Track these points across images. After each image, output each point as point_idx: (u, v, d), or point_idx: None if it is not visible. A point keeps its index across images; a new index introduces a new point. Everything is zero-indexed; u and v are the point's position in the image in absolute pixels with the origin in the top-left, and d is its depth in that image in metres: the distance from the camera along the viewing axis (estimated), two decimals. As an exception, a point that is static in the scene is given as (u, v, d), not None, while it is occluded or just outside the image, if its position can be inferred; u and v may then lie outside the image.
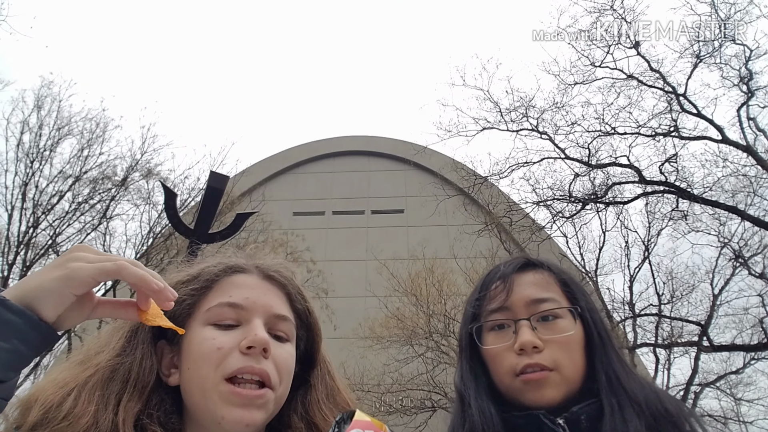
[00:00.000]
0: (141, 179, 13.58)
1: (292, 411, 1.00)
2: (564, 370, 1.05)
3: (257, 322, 0.92)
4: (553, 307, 1.10)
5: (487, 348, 1.13)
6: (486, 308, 1.17)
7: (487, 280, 1.22)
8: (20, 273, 11.95)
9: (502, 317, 1.13)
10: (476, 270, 13.81)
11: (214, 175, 4.22)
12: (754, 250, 11.49)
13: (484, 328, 1.16)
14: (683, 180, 10.60)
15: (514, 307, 1.13)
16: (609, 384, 1.04)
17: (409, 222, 20.61)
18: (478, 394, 1.11)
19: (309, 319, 1.06)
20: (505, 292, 1.15)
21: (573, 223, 11.55)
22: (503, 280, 1.17)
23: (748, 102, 10.14)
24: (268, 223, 14.37)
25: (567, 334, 1.07)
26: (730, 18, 9.63)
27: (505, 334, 1.12)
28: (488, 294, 1.18)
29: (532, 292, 1.13)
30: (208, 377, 0.87)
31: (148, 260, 13.04)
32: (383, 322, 14.22)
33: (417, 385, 13.21)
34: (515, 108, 11.73)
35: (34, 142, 12.64)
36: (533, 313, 1.11)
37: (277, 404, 0.92)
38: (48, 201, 12.52)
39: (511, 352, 1.08)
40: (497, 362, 1.11)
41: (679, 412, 1.00)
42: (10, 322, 0.68)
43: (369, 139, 23.99)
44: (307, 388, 1.04)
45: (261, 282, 1.00)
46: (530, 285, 1.15)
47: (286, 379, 0.95)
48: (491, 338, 1.14)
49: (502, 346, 1.10)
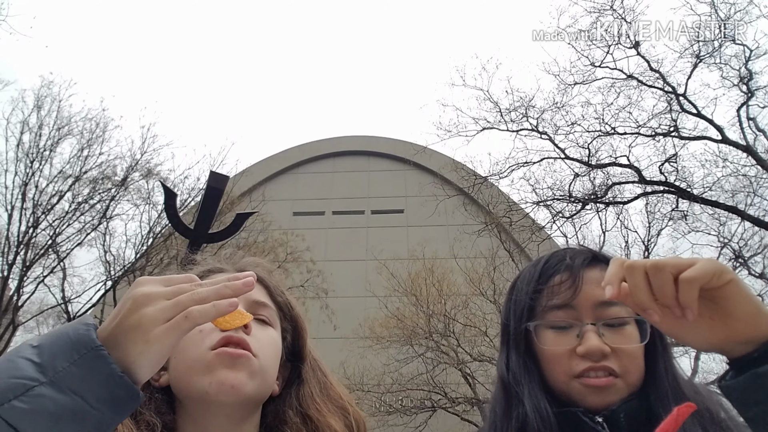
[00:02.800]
0: (141, 179, 13.60)
1: (287, 407, 1.01)
2: (629, 378, 0.99)
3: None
4: (623, 315, 1.02)
5: (546, 348, 1.05)
6: (546, 303, 1.07)
7: (548, 269, 1.10)
8: (20, 273, 11.95)
9: (566, 317, 1.04)
10: (476, 270, 13.82)
11: (214, 175, 4.20)
12: (754, 250, 11.51)
13: (541, 324, 1.07)
14: (683, 180, 10.61)
15: (580, 307, 1.03)
16: (673, 392, 0.99)
17: (409, 222, 20.61)
18: (533, 392, 1.03)
19: (291, 312, 1.08)
20: (573, 289, 1.04)
21: (573, 223, 11.54)
22: (571, 275, 1.06)
23: (748, 102, 10.14)
24: (268, 223, 14.37)
25: (636, 345, 1.01)
26: (730, 18, 9.64)
27: (567, 335, 1.03)
28: (551, 287, 1.07)
29: (601, 293, 0.97)
30: (194, 353, 0.88)
31: (148, 260, 13.04)
32: (383, 322, 14.22)
33: (417, 385, 13.21)
34: (515, 108, 11.73)
35: (34, 142, 12.65)
36: (600, 317, 1.02)
37: (262, 377, 0.92)
38: (48, 201, 12.53)
39: (573, 354, 1.01)
40: (554, 363, 1.04)
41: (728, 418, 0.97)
42: (118, 398, 0.64)
43: (369, 139, 23.99)
44: (299, 383, 1.05)
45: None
46: (598, 284, 1.01)
47: (269, 355, 0.95)
48: (551, 337, 1.05)
49: (563, 349, 1.02)
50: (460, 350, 13.07)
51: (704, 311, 0.75)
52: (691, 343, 0.80)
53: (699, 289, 0.72)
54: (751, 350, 0.73)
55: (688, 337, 0.79)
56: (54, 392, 0.60)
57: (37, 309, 14.51)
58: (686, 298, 0.72)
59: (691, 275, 0.72)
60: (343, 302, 16.21)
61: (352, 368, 12.89)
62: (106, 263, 13.26)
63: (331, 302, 15.03)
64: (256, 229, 13.78)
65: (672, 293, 0.73)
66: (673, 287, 0.73)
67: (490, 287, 13.26)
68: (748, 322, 0.73)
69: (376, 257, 15.53)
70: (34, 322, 14.74)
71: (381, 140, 23.67)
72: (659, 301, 0.74)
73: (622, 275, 0.76)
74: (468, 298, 13.77)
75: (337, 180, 22.72)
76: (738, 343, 0.75)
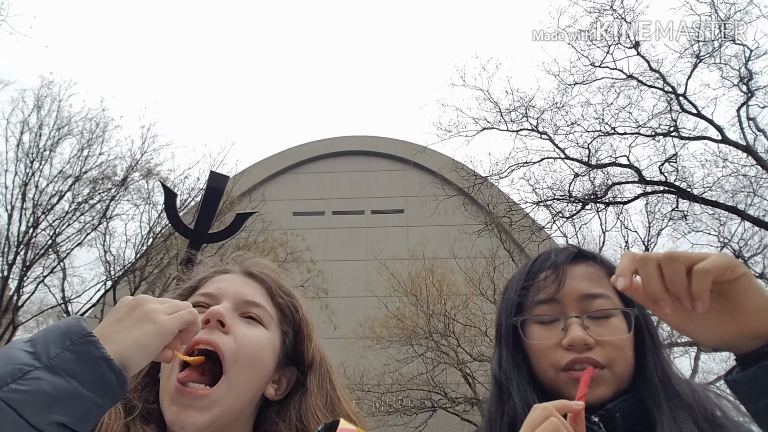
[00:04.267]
0: (141, 179, 13.59)
1: (281, 418, 0.98)
2: (616, 368, 1.00)
3: (223, 304, 0.97)
4: (608, 307, 1.04)
5: (533, 343, 1.06)
6: (533, 299, 1.09)
7: (535, 267, 1.13)
8: (20, 273, 11.94)
9: (551, 311, 1.06)
10: (476, 270, 13.81)
11: (214, 174, 4.20)
12: (754, 250, 11.50)
13: (529, 320, 1.09)
14: (683, 180, 10.60)
15: (565, 301, 1.05)
16: (664, 388, 0.99)
17: (409, 222, 20.61)
18: (521, 385, 1.05)
19: (295, 315, 1.06)
20: (557, 283, 1.06)
21: (573, 223, 11.53)
22: (554, 270, 1.08)
23: (748, 102, 10.14)
24: (268, 223, 14.36)
25: (622, 336, 1.02)
26: (730, 18, 9.63)
27: (553, 328, 1.05)
28: (536, 283, 1.10)
29: (585, 287, 1.06)
30: (165, 382, 0.93)
31: (148, 260, 13.04)
32: (383, 322, 14.22)
33: (417, 385, 13.21)
34: (515, 108, 11.72)
35: (34, 142, 12.64)
36: (585, 310, 1.04)
37: (225, 402, 0.90)
38: (48, 201, 12.52)
39: (558, 347, 1.02)
40: (541, 356, 1.05)
41: (723, 416, 0.97)
42: (109, 382, 0.70)
43: (369, 139, 23.99)
44: (303, 393, 1.01)
45: (239, 277, 1.06)
46: (583, 278, 1.07)
47: (250, 359, 0.94)
48: (537, 331, 1.07)
49: (549, 342, 1.04)
50: (460, 350, 13.08)
51: (714, 305, 0.75)
52: (701, 338, 0.81)
53: (712, 281, 0.73)
54: (761, 345, 0.74)
55: (698, 332, 0.79)
56: (49, 375, 0.65)
57: (37, 309, 14.51)
58: (699, 289, 0.73)
59: (705, 266, 0.73)
60: (343, 302, 16.19)
61: (352, 368, 12.88)
62: (106, 263, 13.27)
63: (331, 302, 15.02)
64: (256, 229, 13.77)
65: (684, 284, 0.74)
66: (686, 279, 0.74)
67: (490, 287, 13.26)
68: (759, 316, 0.74)
69: (377, 257, 15.53)
70: (34, 322, 14.72)
71: (381, 140, 23.67)
72: (671, 293, 0.75)
73: (635, 268, 0.78)
74: (468, 298, 13.77)
75: (337, 180, 22.71)
76: (747, 338, 0.76)
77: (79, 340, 0.69)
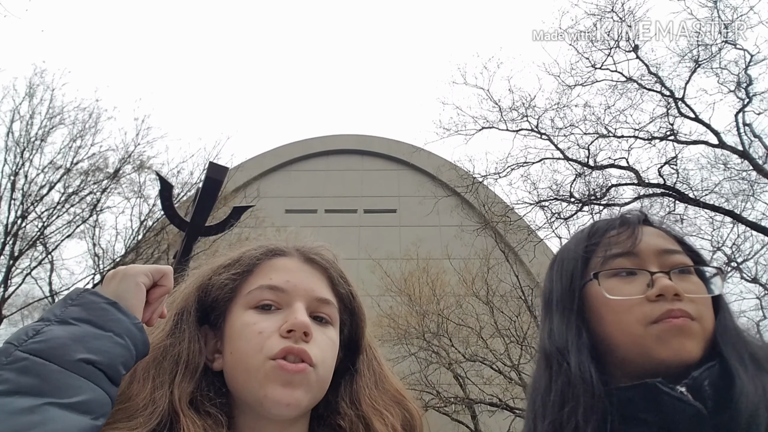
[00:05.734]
0: (133, 172, 13.40)
1: (340, 398, 0.96)
2: (705, 323, 0.90)
3: (298, 305, 0.90)
4: (689, 264, 0.95)
5: (614, 298, 0.93)
6: (606, 253, 0.98)
7: (598, 228, 1.04)
8: (7, 264, 11.73)
9: (630, 264, 0.96)
10: (469, 270, 13.80)
11: (213, 165, 4.07)
12: (745, 255, 11.52)
13: (602, 275, 0.96)
14: (683, 183, 10.61)
15: (644, 255, 0.96)
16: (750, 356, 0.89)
17: (402, 222, 20.55)
18: (581, 349, 0.94)
19: (353, 303, 1.02)
20: (633, 238, 0.97)
21: (567, 225, 11.52)
22: (629, 226, 1.00)
23: (745, 108, 10.15)
24: (261, 220, 14.22)
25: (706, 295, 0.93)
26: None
27: (635, 281, 0.94)
28: (608, 239, 1.00)
29: (662, 243, 0.98)
30: (252, 360, 0.85)
31: (138, 254, 12.86)
32: (376, 321, 14.14)
33: (409, 385, 13.11)
34: (515, 108, 11.70)
35: (25, 131, 12.41)
36: (665, 265, 0.94)
37: (319, 387, 0.88)
38: (37, 192, 12.30)
39: (643, 302, 0.91)
40: (625, 311, 0.92)
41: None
42: (122, 321, 0.76)
43: (363, 138, 23.90)
44: (353, 374, 0.99)
45: (302, 265, 0.99)
46: (657, 236, 0.99)
47: (329, 362, 0.91)
48: (617, 285, 0.95)
49: (634, 298, 0.92)
50: (453, 350, 13.05)
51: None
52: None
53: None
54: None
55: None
56: (61, 327, 0.71)
57: (22, 302, 14.25)
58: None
59: None
60: (335, 301, 16.09)
61: (344, 367, 12.81)
62: (95, 256, 13.04)
63: (323, 300, 14.89)
64: (248, 225, 13.64)
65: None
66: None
67: (483, 288, 13.27)
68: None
69: (370, 256, 15.46)
70: (19, 315, 14.48)
71: (375, 139, 23.59)
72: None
73: None
74: (461, 298, 13.75)
75: (330, 178, 22.59)
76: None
77: (80, 296, 0.76)
